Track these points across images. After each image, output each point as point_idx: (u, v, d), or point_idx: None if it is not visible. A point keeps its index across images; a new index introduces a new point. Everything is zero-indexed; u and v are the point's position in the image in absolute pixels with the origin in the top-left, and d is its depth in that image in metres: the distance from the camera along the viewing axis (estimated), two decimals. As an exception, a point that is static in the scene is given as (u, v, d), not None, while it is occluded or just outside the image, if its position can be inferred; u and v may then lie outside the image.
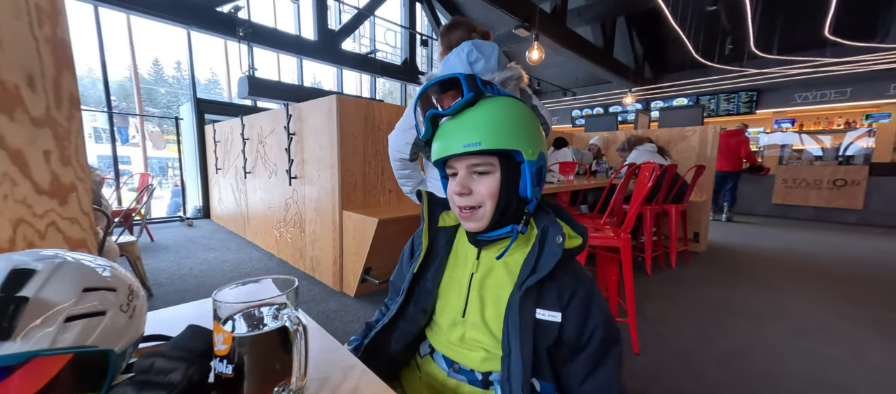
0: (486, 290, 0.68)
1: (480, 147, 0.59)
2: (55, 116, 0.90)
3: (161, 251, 3.57)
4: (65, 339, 0.36)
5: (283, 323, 0.42)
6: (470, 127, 0.60)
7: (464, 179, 0.63)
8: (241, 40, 4.81)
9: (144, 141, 5.64)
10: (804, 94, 7.64)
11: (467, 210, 0.64)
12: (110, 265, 0.46)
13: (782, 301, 2.45)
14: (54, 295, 0.37)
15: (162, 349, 0.43)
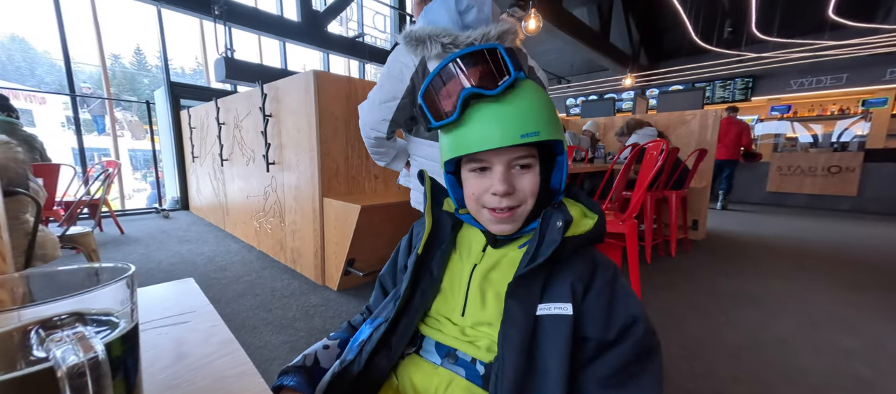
0: (488, 284, 0.58)
1: (539, 137, 0.51)
2: None
3: (130, 244, 3.32)
4: None
5: (49, 364, 0.21)
6: (525, 113, 0.51)
7: (507, 175, 0.54)
8: (217, 19, 4.50)
9: (114, 126, 5.32)
10: (800, 80, 7.54)
11: (505, 211, 0.55)
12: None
13: (787, 290, 2.33)
14: None
15: None
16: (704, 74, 8.33)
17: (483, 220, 0.58)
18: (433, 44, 1.07)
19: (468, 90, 0.51)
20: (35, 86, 11.44)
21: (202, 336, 0.49)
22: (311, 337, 1.71)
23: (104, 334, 0.25)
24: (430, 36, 1.07)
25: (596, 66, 9.33)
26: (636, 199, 1.94)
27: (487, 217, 0.57)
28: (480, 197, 0.56)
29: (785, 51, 7.05)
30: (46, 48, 12.03)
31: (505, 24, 1.10)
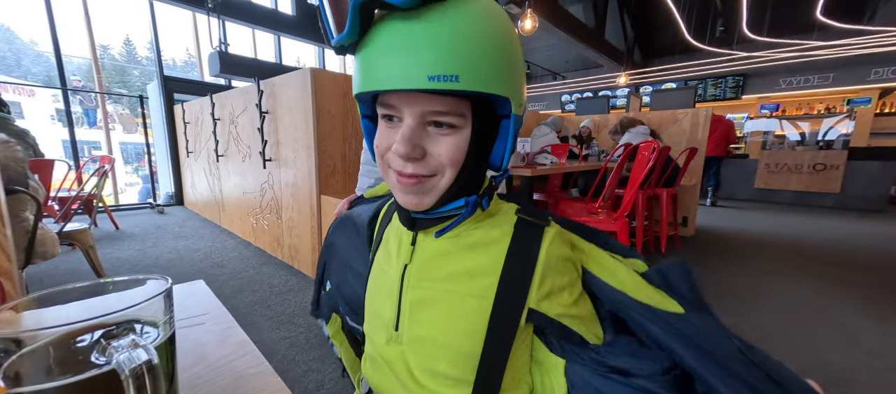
0: (427, 284, 0.45)
1: (457, 85, 0.33)
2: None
3: (125, 240, 3.32)
4: None
5: (111, 366, 0.24)
6: (440, 44, 0.33)
7: (414, 133, 0.38)
8: (211, 12, 4.45)
9: (107, 121, 5.25)
10: (789, 79, 7.67)
11: (413, 179, 0.40)
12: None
13: (771, 284, 2.41)
14: None
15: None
16: (697, 72, 8.43)
17: (389, 181, 0.43)
18: None
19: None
20: (21, 77, 11.20)
21: (218, 337, 0.52)
22: (311, 333, 1.74)
23: (153, 340, 0.28)
24: None
25: (591, 62, 9.38)
26: (628, 198, 2.00)
27: (393, 181, 0.42)
28: (385, 154, 0.41)
29: (774, 50, 7.16)
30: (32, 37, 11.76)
31: None
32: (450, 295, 0.44)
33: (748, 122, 8.04)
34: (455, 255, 0.44)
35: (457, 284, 0.44)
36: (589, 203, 2.37)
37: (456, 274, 0.44)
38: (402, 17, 0.34)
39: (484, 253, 0.44)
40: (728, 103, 8.45)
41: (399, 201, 0.44)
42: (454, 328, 0.44)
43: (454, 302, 0.44)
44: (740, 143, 7.88)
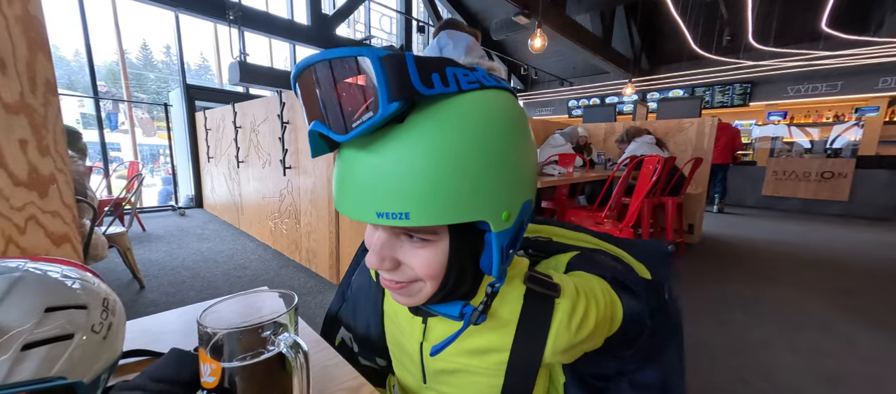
0: (443, 360, 0.48)
1: (408, 222, 0.31)
2: (30, 101, 0.83)
3: (153, 242, 3.48)
4: (22, 370, 0.31)
5: (280, 350, 0.36)
6: (389, 176, 0.31)
7: (385, 246, 0.37)
8: (232, 24, 4.64)
9: (133, 128, 5.48)
10: (797, 86, 7.68)
11: (394, 284, 0.40)
12: (81, 277, 0.40)
13: (775, 292, 2.46)
14: (9, 318, 0.31)
15: (139, 380, 0.38)
16: (704, 80, 8.47)
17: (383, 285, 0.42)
18: None
19: (313, 127, 0.33)
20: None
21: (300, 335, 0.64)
22: (333, 333, 1.85)
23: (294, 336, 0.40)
24: None
25: (598, 69, 9.45)
26: (633, 209, 2.09)
27: (381, 280, 0.42)
28: (368, 253, 0.39)
29: (781, 60, 7.20)
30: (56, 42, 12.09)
31: (476, 58, 1.26)
32: (467, 368, 0.47)
33: (756, 128, 8.06)
34: (466, 333, 0.44)
35: (471, 359, 0.46)
36: (595, 212, 2.46)
37: (469, 351, 0.46)
38: (359, 144, 0.32)
39: (493, 333, 0.45)
40: (736, 110, 8.46)
41: (392, 297, 0.43)
42: (475, 390, 0.49)
43: (471, 375, 0.47)
44: (748, 150, 7.90)
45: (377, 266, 0.37)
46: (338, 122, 0.31)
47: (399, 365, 0.57)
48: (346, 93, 0.30)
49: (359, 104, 0.29)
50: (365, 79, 0.29)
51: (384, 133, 0.31)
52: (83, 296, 0.37)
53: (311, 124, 0.33)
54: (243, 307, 0.42)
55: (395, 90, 0.28)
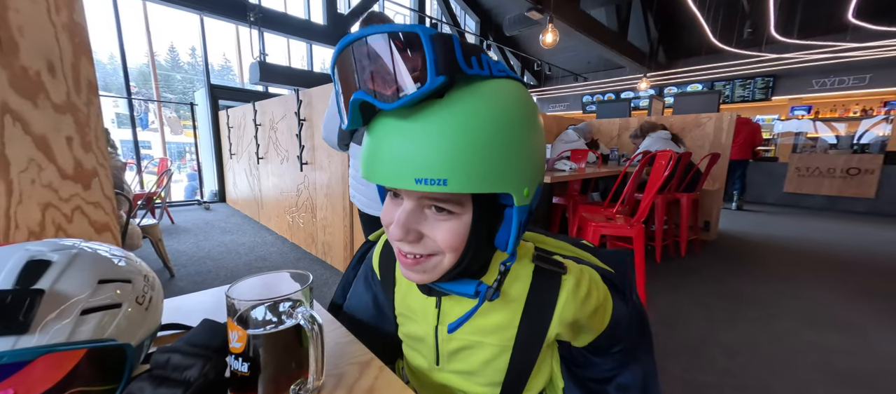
0: (457, 339, 0.52)
1: (445, 189, 0.33)
2: (75, 101, 0.91)
3: (181, 234, 3.66)
4: (81, 332, 0.36)
5: (298, 321, 0.41)
6: (432, 145, 0.33)
7: (410, 217, 0.39)
8: (252, 25, 4.80)
9: (162, 126, 5.75)
10: (822, 80, 7.41)
11: (411, 257, 0.42)
12: (126, 256, 0.45)
13: (792, 290, 2.43)
14: (70, 287, 0.36)
15: (177, 344, 0.43)
16: (724, 74, 8.25)
17: (396, 252, 0.44)
18: None
19: (357, 95, 0.35)
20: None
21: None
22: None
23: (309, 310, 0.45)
24: None
25: (613, 63, 9.31)
26: (644, 204, 2.09)
27: (397, 254, 0.44)
28: (388, 226, 0.42)
29: (805, 52, 6.95)
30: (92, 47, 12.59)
31: None
32: (479, 344, 0.51)
33: (778, 123, 7.82)
34: (478, 313, 0.46)
35: (483, 336, 0.50)
36: (607, 208, 2.47)
37: (481, 328, 0.50)
38: (398, 114, 0.34)
39: (505, 309, 0.49)
40: (757, 105, 8.22)
41: (403, 275, 0.45)
42: (485, 366, 0.52)
43: (483, 349, 0.51)
44: (770, 145, 7.67)
45: (401, 238, 0.39)
46: (385, 91, 0.33)
47: (411, 351, 0.61)
48: (398, 64, 0.32)
49: (408, 76, 0.32)
50: (416, 53, 0.31)
51: (425, 106, 0.33)
52: (128, 271, 0.43)
53: (354, 94, 0.35)
54: (263, 285, 0.48)
55: (442, 65, 0.31)
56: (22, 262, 0.35)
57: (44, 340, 0.33)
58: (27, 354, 0.32)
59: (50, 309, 0.34)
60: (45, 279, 0.35)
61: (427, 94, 0.32)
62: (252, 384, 0.40)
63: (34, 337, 0.32)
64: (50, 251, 0.38)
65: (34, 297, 0.33)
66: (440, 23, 8.17)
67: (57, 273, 0.36)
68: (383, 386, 0.46)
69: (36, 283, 0.35)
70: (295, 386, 0.42)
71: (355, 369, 0.50)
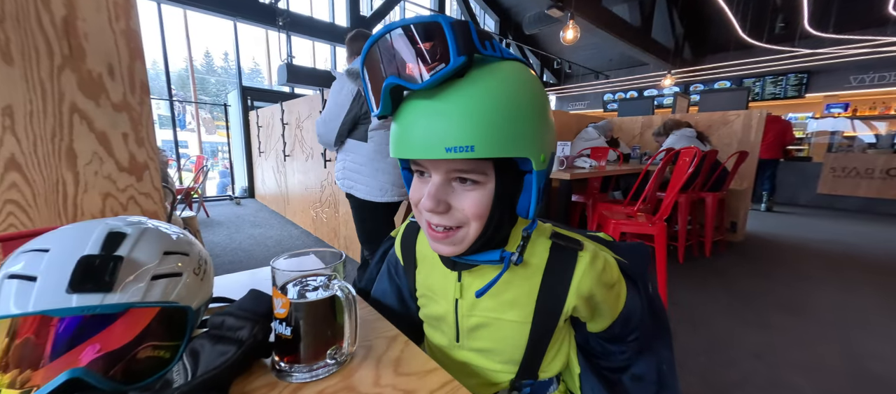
0: (479, 313, 0.54)
1: (473, 154, 0.38)
2: (130, 101, 1.00)
3: (215, 226, 3.89)
4: (153, 294, 0.40)
5: (335, 292, 0.46)
6: (458, 118, 0.38)
7: (440, 189, 0.43)
8: (281, 30, 5.02)
9: (199, 126, 6.08)
10: (860, 76, 7.04)
11: (440, 230, 0.46)
12: (182, 233, 0.51)
13: (822, 294, 2.35)
14: (142, 256, 0.42)
15: (230, 309, 0.48)
16: (754, 70, 7.95)
17: (424, 229, 0.49)
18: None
19: (389, 81, 0.39)
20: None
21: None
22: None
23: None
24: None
25: (636, 60, 9.11)
26: (667, 202, 2.07)
27: (426, 230, 0.48)
28: (417, 204, 0.47)
29: (842, 47, 6.61)
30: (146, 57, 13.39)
31: None
32: (498, 321, 0.53)
33: (812, 121, 7.48)
34: (499, 286, 0.49)
35: (502, 312, 0.52)
36: (628, 206, 2.45)
37: (500, 304, 0.52)
38: (425, 95, 0.39)
39: (523, 283, 0.51)
40: (789, 102, 7.89)
41: (432, 249, 0.49)
42: (504, 343, 0.55)
43: (502, 326, 0.53)
44: (803, 144, 7.36)
45: (432, 208, 0.43)
46: (414, 73, 0.38)
47: (432, 330, 0.64)
48: (423, 50, 0.37)
49: (433, 58, 0.37)
50: (438, 39, 0.36)
51: (449, 85, 0.38)
52: (186, 246, 0.49)
53: (386, 80, 0.39)
54: (300, 262, 0.53)
55: (462, 46, 0.36)
56: (105, 232, 0.41)
57: (124, 298, 0.38)
58: (114, 308, 0.37)
59: (127, 273, 0.39)
60: (122, 248, 0.41)
61: (451, 72, 0.36)
62: (294, 347, 0.44)
63: (116, 295, 0.38)
64: (124, 225, 0.44)
65: (116, 262, 0.39)
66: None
67: (131, 243, 0.42)
68: (409, 357, 0.50)
69: (115, 250, 0.40)
70: (331, 350, 0.46)
71: (383, 342, 0.54)
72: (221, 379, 0.40)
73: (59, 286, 0.35)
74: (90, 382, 0.34)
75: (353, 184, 1.64)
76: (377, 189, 1.60)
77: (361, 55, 0.42)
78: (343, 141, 1.60)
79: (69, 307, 0.35)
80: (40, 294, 0.35)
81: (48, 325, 0.36)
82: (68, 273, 0.36)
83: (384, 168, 1.60)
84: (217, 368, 0.39)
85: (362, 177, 1.61)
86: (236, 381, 0.43)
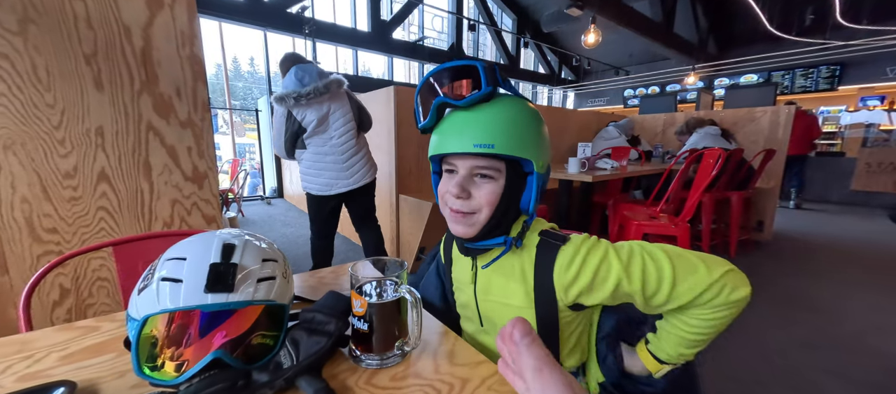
0: (492, 298, 0.66)
1: (493, 150, 0.54)
2: (194, 118, 1.11)
3: (250, 226, 4.09)
4: (260, 294, 0.49)
5: (402, 295, 0.54)
6: (484, 125, 0.54)
7: (464, 180, 0.58)
8: (307, 37, 5.22)
9: (233, 130, 6.36)
10: (898, 67, 6.71)
11: (460, 214, 0.60)
12: (269, 243, 0.58)
13: (854, 295, 2.30)
14: (249, 262, 0.50)
15: (317, 307, 0.57)
16: (783, 63, 7.69)
17: (445, 216, 0.63)
18: (288, 98, 1.78)
19: (439, 99, 0.57)
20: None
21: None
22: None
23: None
24: (285, 95, 1.79)
25: (658, 55, 8.94)
26: (690, 203, 2.08)
27: (448, 215, 0.62)
28: (444, 195, 0.61)
29: (878, 38, 6.32)
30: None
31: (330, 77, 1.84)
32: (506, 306, 0.63)
33: (846, 115, 7.18)
34: (502, 282, 0.63)
35: (508, 297, 0.63)
36: (650, 207, 2.46)
37: (508, 294, 0.63)
38: (462, 110, 0.57)
39: (520, 278, 0.62)
40: (821, 95, 7.59)
41: (452, 231, 0.62)
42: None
43: (510, 311, 0.63)
44: (835, 139, 7.09)
45: (458, 194, 0.58)
46: (459, 96, 0.57)
47: (464, 320, 0.74)
48: (465, 81, 0.57)
49: (471, 87, 0.57)
50: (475, 75, 0.56)
51: (479, 105, 0.56)
52: (274, 254, 0.57)
53: (436, 99, 0.58)
54: (371, 268, 0.60)
55: (490, 80, 0.55)
56: (221, 244, 0.50)
57: (242, 297, 0.47)
58: (238, 305, 0.46)
59: (242, 277, 0.48)
60: (235, 256, 0.49)
61: (482, 96, 0.55)
62: (369, 339, 0.53)
63: (235, 295, 0.46)
64: (232, 237, 0.52)
65: (234, 268, 0.47)
66: (477, 23, 8.24)
67: (240, 253, 0.50)
68: (460, 350, 0.58)
69: (231, 258, 0.49)
70: (398, 343, 0.54)
71: (437, 338, 0.62)
72: (318, 363, 0.49)
73: (198, 287, 0.44)
74: (227, 361, 0.43)
75: (307, 184, 2.00)
76: (324, 185, 1.95)
77: (419, 84, 0.61)
78: (293, 152, 1.98)
79: (206, 304, 0.44)
80: (187, 293, 0.44)
81: (190, 315, 0.46)
82: (204, 277, 0.45)
83: (325, 167, 1.94)
84: (315, 354, 0.48)
85: (311, 177, 1.97)
86: (326, 364, 0.52)
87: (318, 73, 1.85)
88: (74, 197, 0.94)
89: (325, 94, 1.83)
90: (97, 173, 0.97)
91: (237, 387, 0.42)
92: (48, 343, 0.56)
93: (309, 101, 1.80)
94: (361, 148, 2.05)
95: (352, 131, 1.97)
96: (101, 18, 0.90)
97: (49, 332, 0.59)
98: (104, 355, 0.53)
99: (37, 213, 0.91)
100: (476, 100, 0.55)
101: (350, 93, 2.02)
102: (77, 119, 0.91)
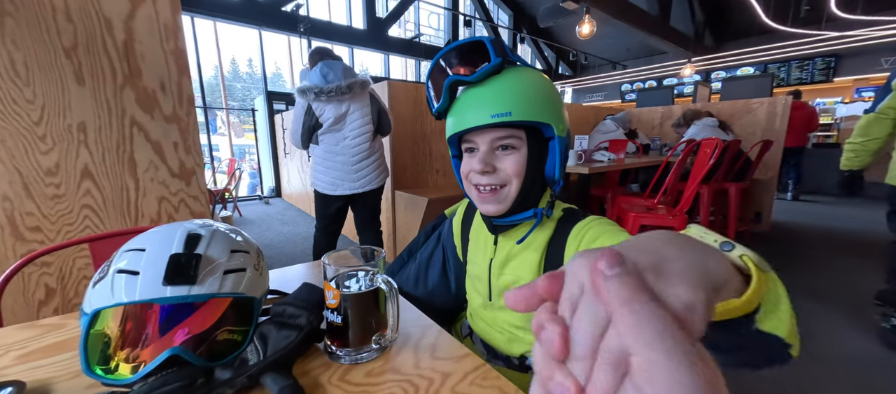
0: (506, 274, 0.66)
1: (511, 118, 0.53)
2: (179, 113, 1.09)
3: (247, 225, 4.09)
4: (226, 286, 0.46)
5: (379, 285, 0.51)
6: (498, 95, 0.54)
7: (487, 155, 0.57)
8: (302, 35, 5.19)
9: (230, 131, 6.34)
10: (892, 57, 6.70)
11: (488, 190, 0.59)
12: (241, 234, 0.56)
13: (852, 284, 2.30)
14: (215, 253, 0.47)
15: (288, 300, 0.54)
16: (778, 55, 7.67)
17: (473, 198, 0.62)
18: (309, 92, 1.80)
19: (450, 78, 0.57)
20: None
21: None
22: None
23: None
24: (307, 88, 1.81)
25: (654, 49, 8.91)
26: (687, 194, 2.07)
27: (475, 195, 0.61)
28: (468, 175, 0.60)
29: (874, 29, 6.31)
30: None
31: (354, 76, 1.83)
32: (519, 281, 0.63)
33: (842, 106, 7.18)
34: (522, 253, 0.64)
35: (525, 273, 0.63)
36: (647, 199, 2.45)
37: (523, 264, 0.64)
38: (474, 86, 0.57)
39: (539, 247, 0.63)
40: (816, 87, 7.58)
41: (481, 211, 0.62)
42: None
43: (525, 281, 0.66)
44: (831, 131, 7.08)
45: (482, 170, 0.57)
46: (469, 71, 0.56)
47: (472, 290, 0.75)
48: (474, 56, 0.56)
49: (481, 61, 0.56)
50: (482, 50, 0.55)
51: (491, 79, 0.56)
52: (246, 245, 0.54)
53: (447, 79, 0.58)
54: (344, 259, 0.58)
55: (498, 53, 0.54)
56: (186, 234, 0.47)
57: (206, 290, 0.44)
58: (199, 298, 0.44)
59: (206, 268, 0.45)
60: (199, 247, 0.47)
61: (492, 68, 0.54)
62: (344, 333, 0.50)
63: (199, 287, 0.44)
64: (198, 227, 0.50)
65: (197, 259, 0.45)
66: (473, 19, 8.20)
67: (206, 243, 0.48)
68: (443, 344, 0.55)
69: (195, 249, 0.46)
70: (375, 336, 0.52)
71: (419, 331, 0.59)
72: (287, 359, 0.46)
73: (156, 279, 0.42)
74: (186, 358, 0.41)
75: (315, 181, 2.02)
76: (330, 184, 1.95)
77: (429, 68, 0.62)
78: (308, 146, 2.00)
79: (165, 297, 0.42)
80: (144, 286, 0.42)
81: (148, 310, 0.43)
82: (163, 268, 0.43)
83: (333, 166, 1.94)
84: (283, 349, 0.46)
85: (319, 174, 1.98)
86: (297, 361, 0.50)
87: (343, 71, 1.84)
88: (57, 195, 0.92)
89: (346, 93, 1.81)
90: (80, 170, 0.95)
91: (196, 385, 0.40)
92: (8, 341, 0.54)
93: (329, 98, 1.80)
94: (374, 152, 2.01)
95: (367, 134, 1.94)
96: (80, 11, 0.88)
97: (11, 329, 0.57)
98: (62, 353, 0.51)
99: (19, 211, 0.89)
100: (487, 72, 0.54)
101: (375, 94, 2.01)
102: (58, 114, 0.89)
